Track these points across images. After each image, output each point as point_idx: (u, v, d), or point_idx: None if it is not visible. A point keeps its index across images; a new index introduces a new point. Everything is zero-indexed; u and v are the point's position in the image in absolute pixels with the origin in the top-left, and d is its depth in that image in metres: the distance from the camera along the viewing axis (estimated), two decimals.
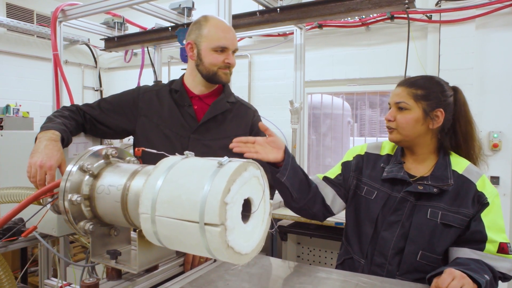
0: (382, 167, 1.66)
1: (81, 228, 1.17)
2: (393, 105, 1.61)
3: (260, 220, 1.02)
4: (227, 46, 1.76)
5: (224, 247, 0.88)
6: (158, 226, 0.95)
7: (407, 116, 1.56)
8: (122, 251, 1.27)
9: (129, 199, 1.09)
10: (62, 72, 3.68)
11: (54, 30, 3.72)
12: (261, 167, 1.01)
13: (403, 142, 1.62)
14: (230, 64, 1.79)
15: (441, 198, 1.52)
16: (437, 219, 1.49)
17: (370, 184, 1.66)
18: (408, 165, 1.65)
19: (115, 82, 6.51)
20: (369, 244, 1.60)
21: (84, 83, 6.35)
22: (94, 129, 1.80)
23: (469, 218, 1.48)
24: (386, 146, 1.75)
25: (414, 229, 1.52)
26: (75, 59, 6.19)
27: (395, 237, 1.55)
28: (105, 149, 1.24)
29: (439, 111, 1.55)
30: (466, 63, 3.69)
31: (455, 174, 1.55)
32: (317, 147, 5.01)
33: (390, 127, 1.61)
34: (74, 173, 1.16)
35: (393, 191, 1.59)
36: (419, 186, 1.53)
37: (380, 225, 1.59)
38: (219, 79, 1.80)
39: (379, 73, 4.31)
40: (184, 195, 0.90)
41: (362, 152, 1.76)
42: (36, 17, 5.54)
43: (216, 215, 0.85)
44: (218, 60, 1.77)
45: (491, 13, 3.62)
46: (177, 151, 1.08)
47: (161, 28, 4.38)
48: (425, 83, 1.59)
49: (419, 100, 1.56)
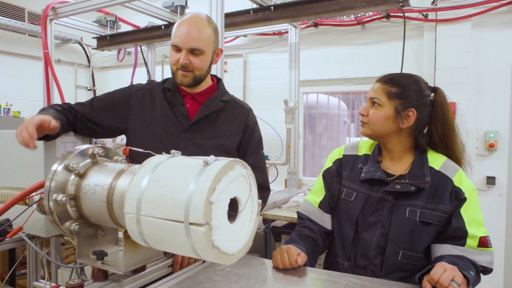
0: (360, 168, 1.67)
1: (66, 228, 1.17)
2: (368, 100, 1.65)
3: (248, 219, 1.02)
4: (177, 44, 1.68)
5: (209, 247, 0.88)
6: (143, 226, 0.95)
7: (378, 112, 1.59)
8: (109, 252, 1.27)
9: (115, 199, 1.09)
10: (53, 70, 3.67)
11: (44, 28, 3.72)
12: (248, 166, 1.01)
13: (373, 137, 1.66)
14: (182, 64, 1.69)
15: (419, 196, 1.53)
16: (415, 218, 1.51)
17: (349, 186, 1.67)
18: (385, 164, 1.66)
19: (109, 82, 6.50)
20: (351, 246, 1.62)
21: (77, 83, 6.33)
22: (85, 128, 1.79)
23: (447, 215, 1.50)
24: (363, 145, 1.76)
25: (394, 229, 1.53)
26: (67, 58, 6.16)
27: (376, 238, 1.56)
28: (91, 148, 1.24)
29: (411, 111, 1.56)
30: (462, 62, 3.70)
31: (432, 170, 1.56)
32: (313, 147, 5.02)
33: (362, 121, 1.64)
34: (59, 173, 1.15)
35: (372, 191, 1.61)
36: (396, 185, 1.55)
37: (361, 226, 1.60)
38: (176, 80, 1.76)
39: (376, 72, 4.23)
40: (169, 194, 0.90)
41: (340, 155, 1.78)
42: (27, 15, 5.52)
43: (201, 214, 0.85)
44: (173, 58, 1.72)
45: (487, 12, 3.64)
46: (168, 150, 1.07)
47: (154, 27, 4.38)
48: (402, 81, 1.60)
49: (392, 98, 1.57)
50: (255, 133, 1.92)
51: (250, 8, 3.52)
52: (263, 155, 1.98)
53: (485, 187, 3.71)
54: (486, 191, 3.71)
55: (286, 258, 1.51)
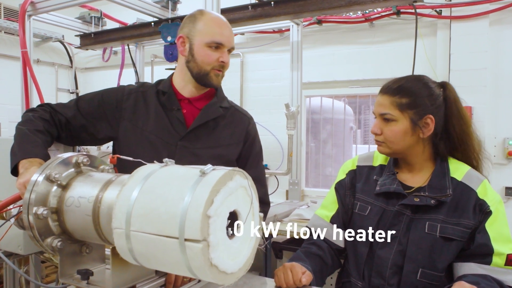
0: (375, 180, 1.67)
1: (48, 245, 1.15)
2: (377, 116, 1.61)
3: (248, 235, 1.02)
4: (222, 42, 1.72)
5: (207, 265, 0.87)
6: (134, 243, 0.94)
7: (394, 128, 1.56)
8: (95, 270, 1.26)
9: (102, 212, 1.08)
10: (31, 72, 3.67)
11: (22, 25, 3.71)
12: (249, 176, 1.00)
13: (394, 155, 1.64)
14: (224, 64, 1.74)
15: (439, 210, 1.52)
16: (436, 233, 1.50)
17: (363, 199, 1.67)
18: (403, 175, 1.65)
19: (93, 83, 6.51)
20: (365, 265, 1.61)
21: (58, 85, 6.33)
22: (70, 137, 1.76)
23: (470, 230, 1.49)
24: (379, 155, 1.75)
25: (412, 245, 1.52)
26: (48, 58, 6.17)
27: (392, 255, 1.55)
28: (75, 157, 1.23)
29: (429, 118, 1.55)
30: (479, 63, 3.72)
31: (454, 181, 1.56)
32: (317, 155, 5.02)
33: (378, 140, 1.62)
34: (40, 183, 1.14)
35: (388, 205, 1.60)
36: (415, 198, 1.54)
37: (376, 243, 1.59)
38: (209, 81, 1.76)
39: (384, 73, 4.29)
40: (162, 207, 0.90)
41: (353, 166, 1.78)
42: (3, 11, 5.52)
43: (198, 229, 0.84)
44: (211, 57, 1.72)
45: (507, 8, 3.66)
46: (162, 160, 1.06)
47: (143, 24, 4.39)
48: (411, 89, 1.57)
49: (404, 110, 1.55)
50: (256, 143, 1.93)
51: (248, 3, 3.53)
52: (263, 167, 1.99)
53: (504, 198, 3.71)
54: (505, 202, 3.71)
55: (290, 276, 1.51)
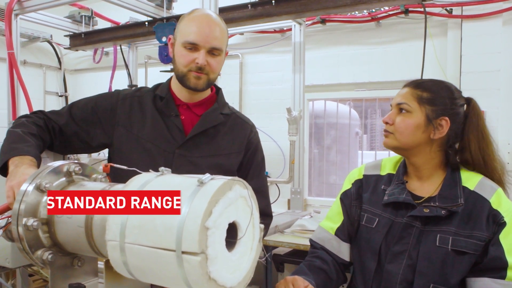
0: (383, 189, 1.68)
1: (38, 258, 1.17)
2: (394, 107, 1.65)
3: (249, 247, 1.03)
4: (196, 42, 1.66)
5: (205, 279, 0.88)
6: (128, 255, 0.95)
7: (407, 120, 1.59)
8: (87, 284, 1.27)
9: (95, 224, 1.09)
10: (18, 74, 3.68)
11: (9, 24, 3.73)
12: (249, 186, 1.02)
13: (399, 150, 1.65)
14: (200, 66, 1.67)
15: (451, 221, 1.53)
16: (447, 246, 1.50)
17: (371, 211, 1.68)
18: (412, 184, 1.66)
19: (83, 86, 6.49)
20: (373, 280, 1.62)
21: (46, 87, 6.31)
22: (63, 145, 1.76)
23: (484, 242, 1.49)
24: (387, 164, 1.76)
25: (422, 259, 1.53)
26: (35, 59, 6.17)
27: (402, 270, 1.55)
28: (67, 165, 1.24)
29: (444, 120, 1.57)
30: (492, 65, 3.73)
31: (466, 191, 1.56)
32: (320, 162, 5.03)
33: (387, 130, 1.64)
34: (30, 193, 1.15)
35: (396, 217, 1.61)
36: (424, 209, 1.54)
37: (384, 256, 1.60)
38: (187, 83, 1.72)
39: (392, 76, 4.33)
40: (158, 218, 0.91)
41: (360, 175, 1.79)
42: None
43: (196, 242, 0.85)
44: (186, 58, 1.68)
45: None
46: (159, 168, 1.08)
47: (137, 23, 4.40)
48: (434, 86, 1.62)
49: (423, 104, 1.59)
50: (258, 153, 1.93)
51: (248, 1, 3.53)
52: (265, 178, 1.99)
53: None
54: None
55: None
